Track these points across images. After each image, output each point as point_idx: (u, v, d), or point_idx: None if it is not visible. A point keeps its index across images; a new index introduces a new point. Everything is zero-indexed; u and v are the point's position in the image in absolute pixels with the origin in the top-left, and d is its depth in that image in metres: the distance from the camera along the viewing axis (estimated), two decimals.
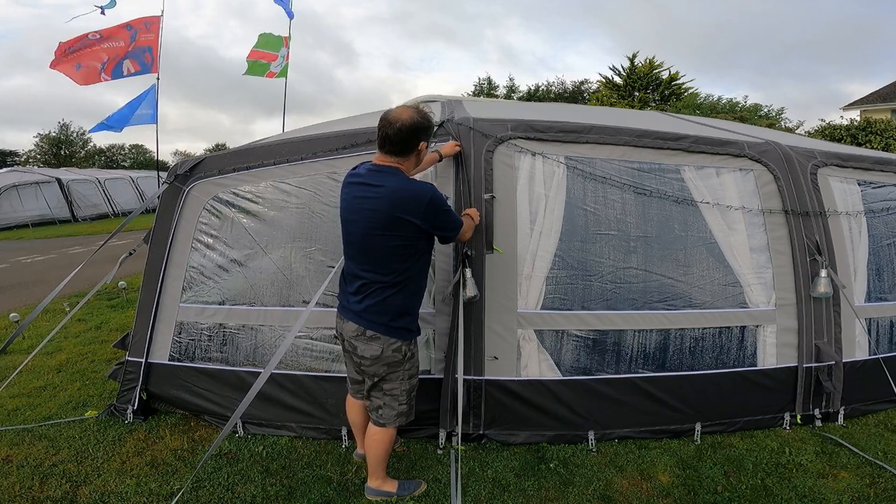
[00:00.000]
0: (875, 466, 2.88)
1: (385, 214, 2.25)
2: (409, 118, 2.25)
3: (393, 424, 2.51)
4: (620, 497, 2.66)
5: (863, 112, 22.59)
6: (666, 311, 3.14)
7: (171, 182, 3.28)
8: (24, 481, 2.77)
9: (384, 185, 2.28)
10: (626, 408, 3.13)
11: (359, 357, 2.43)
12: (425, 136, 2.34)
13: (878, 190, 3.53)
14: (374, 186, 2.29)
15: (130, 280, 7.53)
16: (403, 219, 2.25)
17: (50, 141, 46.25)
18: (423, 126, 2.30)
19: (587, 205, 3.13)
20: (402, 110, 2.29)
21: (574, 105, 8.30)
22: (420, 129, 2.28)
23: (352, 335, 2.42)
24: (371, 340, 2.38)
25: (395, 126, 2.25)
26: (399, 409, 2.50)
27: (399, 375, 2.46)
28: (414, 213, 2.25)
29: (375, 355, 2.39)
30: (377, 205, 2.27)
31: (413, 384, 2.54)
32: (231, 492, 2.69)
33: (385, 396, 2.49)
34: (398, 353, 2.42)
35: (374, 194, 2.28)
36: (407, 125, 2.25)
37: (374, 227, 2.28)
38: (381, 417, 2.51)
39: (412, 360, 2.50)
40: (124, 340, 3.55)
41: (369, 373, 2.46)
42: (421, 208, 2.25)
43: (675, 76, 28.14)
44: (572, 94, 40.44)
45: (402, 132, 2.25)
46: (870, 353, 3.37)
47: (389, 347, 2.39)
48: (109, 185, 21.83)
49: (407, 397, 2.51)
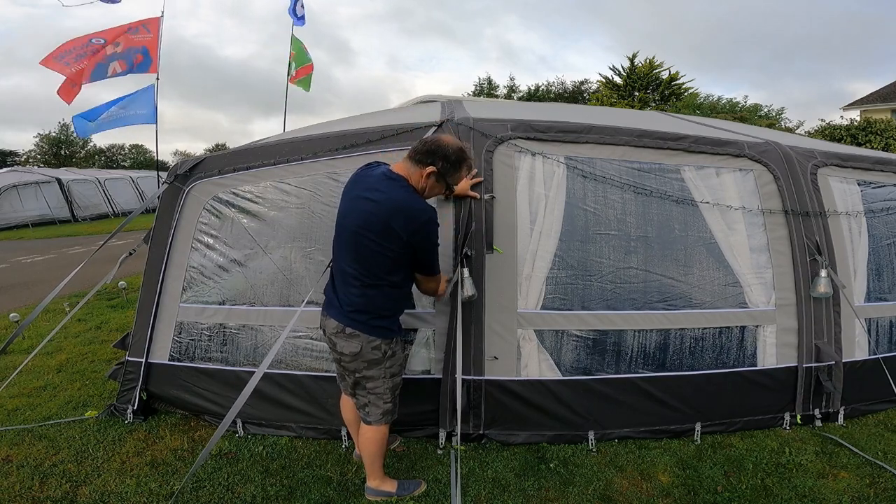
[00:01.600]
0: (875, 466, 2.88)
1: (381, 222, 2.27)
2: (446, 141, 2.37)
3: (380, 423, 2.52)
4: (620, 497, 2.66)
5: (863, 112, 22.59)
6: (666, 311, 3.14)
7: (171, 182, 3.28)
8: (24, 481, 2.77)
9: (388, 192, 2.29)
10: (626, 408, 3.13)
11: (338, 353, 2.47)
12: (441, 166, 2.35)
13: (878, 190, 3.53)
14: (380, 192, 2.30)
15: (130, 280, 7.53)
16: (394, 229, 2.26)
17: (50, 141, 46.25)
18: (446, 154, 2.34)
19: (587, 205, 3.13)
20: (449, 136, 2.46)
21: (574, 105, 8.30)
22: (442, 153, 2.34)
23: (332, 332, 2.45)
24: (350, 338, 2.40)
25: (429, 139, 2.40)
26: (384, 408, 2.52)
27: (381, 373, 2.47)
28: (405, 226, 2.26)
29: (354, 352, 2.41)
30: (376, 210, 2.28)
31: (396, 382, 2.55)
32: (231, 492, 2.69)
33: (369, 395, 2.51)
34: (378, 350, 2.43)
35: (376, 199, 2.29)
36: (434, 141, 2.37)
37: (366, 231, 2.29)
38: (368, 415, 2.53)
39: (393, 359, 2.51)
40: (124, 340, 3.55)
41: (350, 369, 2.49)
42: (413, 224, 2.27)
43: (675, 76, 28.14)
44: (572, 94, 40.45)
45: (426, 144, 2.37)
46: (870, 353, 3.37)
47: (369, 345, 2.41)
48: (109, 185, 21.84)
49: (391, 395, 2.53)
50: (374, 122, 3.44)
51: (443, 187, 2.44)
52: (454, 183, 2.46)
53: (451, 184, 2.44)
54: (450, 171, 2.38)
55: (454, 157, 2.35)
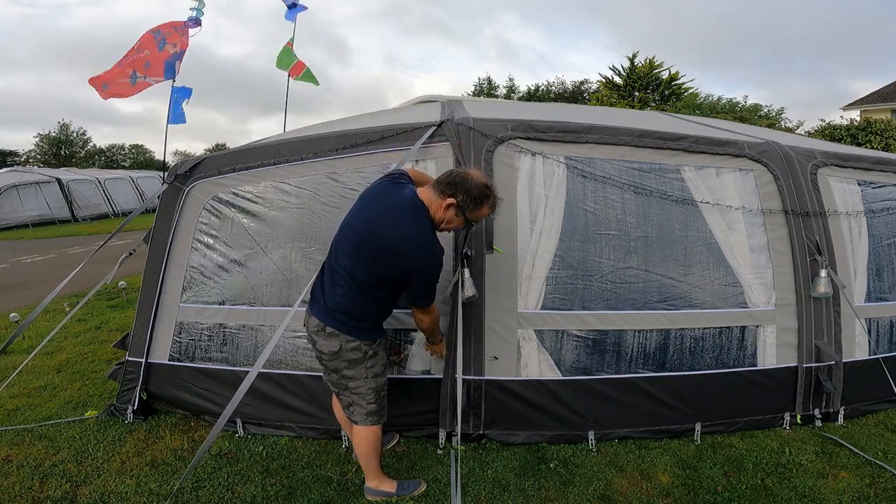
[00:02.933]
0: (875, 466, 2.88)
1: (388, 248, 2.27)
2: (471, 176, 2.34)
3: (365, 423, 2.52)
4: (620, 497, 2.66)
5: (863, 112, 22.59)
6: (666, 311, 3.14)
7: (171, 182, 3.28)
8: (24, 481, 2.77)
9: (405, 228, 2.27)
10: (626, 408, 3.13)
11: (318, 352, 2.47)
12: (462, 199, 2.30)
13: (878, 190, 3.53)
14: (397, 223, 2.28)
15: (130, 280, 7.52)
16: (399, 257, 2.27)
17: (50, 141, 46.24)
18: (467, 189, 2.30)
19: (587, 205, 3.13)
20: (475, 171, 2.42)
21: (574, 105, 8.31)
22: (465, 187, 2.30)
23: (313, 330, 2.45)
24: (330, 336, 2.41)
25: (455, 171, 2.38)
26: (368, 409, 2.50)
27: (361, 374, 2.46)
28: (409, 260, 2.27)
29: (333, 351, 2.42)
30: (388, 238, 2.27)
31: (379, 383, 2.53)
32: (231, 492, 2.69)
33: (352, 395, 2.50)
34: (357, 351, 2.43)
35: (392, 226, 2.27)
36: (459, 175, 2.34)
37: (371, 247, 2.29)
38: (352, 415, 2.54)
39: (374, 359, 2.49)
40: (124, 340, 3.55)
41: (330, 368, 2.49)
42: (419, 260, 2.28)
43: (675, 76, 28.14)
44: (572, 95, 40.44)
45: (451, 176, 2.33)
46: (870, 353, 3.37)
47: (347, 345, 2.41)
48: (109, 185, 21.82)
49: (375, 396, 2.51)
50: (373, 122, 3.44)
51: (462, 221, 2.37)
52: (473, 219, 2.40)
53: (471, 219, 2.39)
54: (469, 207, 2.32)
55: (476, 192, 2.31)
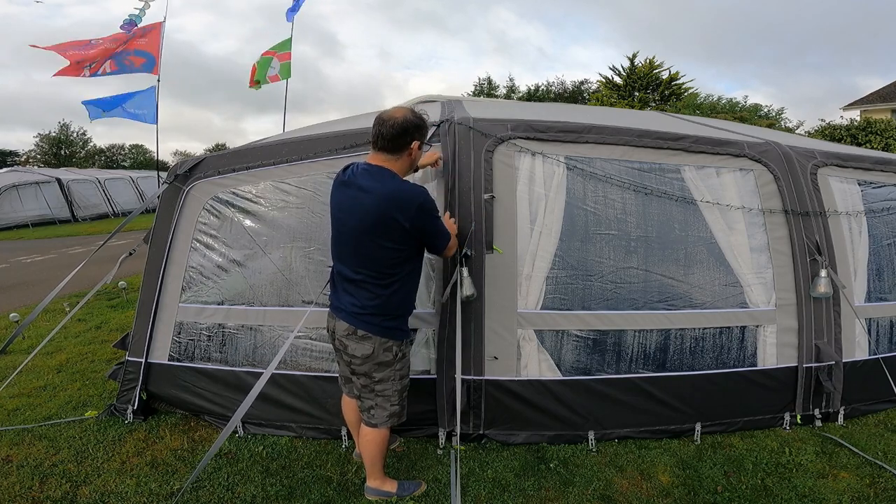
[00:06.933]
0: (875, 466, 2.88)
1: (376, 215, 2.27)
2: (402, 116, 2.33)
3: (385, 425, 2.51)
4: (620, 497, 2.66)
5: (863, 112, 22.58)
6: (666, 311, 3.13)
7: (170, 182, 3.28)
8: (24, 481, 2.77)
9: (376, 186, 2.30)
10: (626, 408, 3.12)
11: (349, 356, 2.45)
12: (418, 136, 2.37)
13: (878, 190, 3.53)
14: (367, 187, 2.31)
15: (130, 280, 7.53)
16: (393, 221, 2.26)
17: (50, 141, 46.27)
18: (416, 124, 2.35)
19: (587, 205, 3.13)
20: (396, 109, 2.38)
21: (574, 105, 8.31)
22: (412, 126, 2.33)
23: (343, 334, 2.43)
24: (362, 340, 2.39)
25: (388, 123, 2.31)
26: (391, 410, 2.50)
27: (391, 375, 2.46)
28: (403, 215, 2.26)
29: (367, 354, 2.40)
30: (369, 205, 2.28)
31: (405, 384, 2.54)
32: (231, 492, 2.69)
33: (377, 397, 2.49)
34: (389, 352, 2.43)
35: (366, 194, 2.30)
36: (399, 122, 2.31)
37: (365, 228, 2.30)
38: (372, 418, 2.51)
39: (403, 361, 2.50)
40: (124, 340, 3.55)
41: (360, 372, 2.47)
42: (411, 210, 2.27)
43: (675, 76, 28.18)
44: (572, 94, 40.47)
45: (394, 129, 2.31)
46: (870, 353, 3.37)
47: (381, 347, 2.40)
48: (109, 185, 21.85)
49: (399, 398, 2.51)
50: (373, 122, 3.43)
51: (423, 152, 2.51)
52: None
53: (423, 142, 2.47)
54: (425, 134, 2.43)
55: (418, 120, 2.37)
